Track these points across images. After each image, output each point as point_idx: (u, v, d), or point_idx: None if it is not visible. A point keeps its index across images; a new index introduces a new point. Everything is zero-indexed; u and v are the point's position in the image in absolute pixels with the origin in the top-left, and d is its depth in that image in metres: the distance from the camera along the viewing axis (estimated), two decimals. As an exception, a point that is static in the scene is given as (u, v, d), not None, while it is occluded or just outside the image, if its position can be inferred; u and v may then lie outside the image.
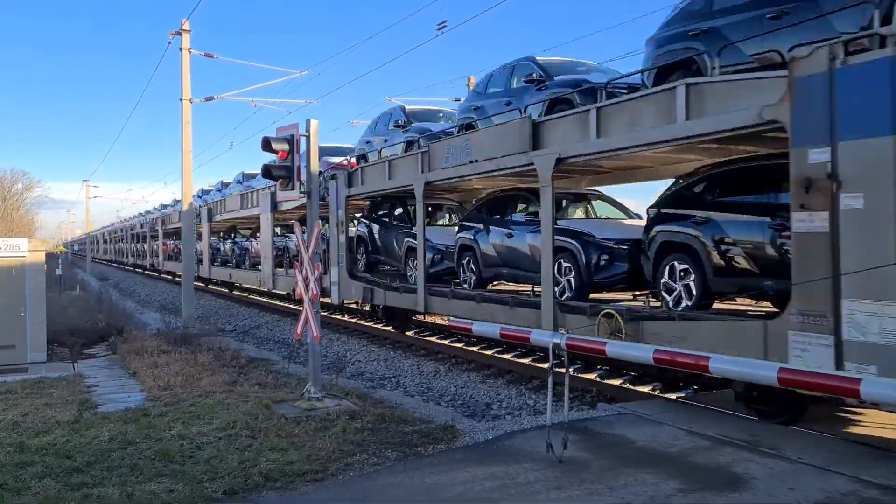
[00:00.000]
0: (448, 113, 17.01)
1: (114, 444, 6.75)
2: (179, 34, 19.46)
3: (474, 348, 13.87)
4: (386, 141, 16.79)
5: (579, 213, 12.39)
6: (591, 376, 10.92)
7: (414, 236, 14.36)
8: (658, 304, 9.22)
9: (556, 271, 10.38)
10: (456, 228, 14.01)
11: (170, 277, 40.28)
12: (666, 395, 9.50)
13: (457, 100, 25.14)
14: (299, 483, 5.68)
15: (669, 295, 8.86)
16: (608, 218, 11.99)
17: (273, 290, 23.08)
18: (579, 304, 9.95)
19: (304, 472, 5.89)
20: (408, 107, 17.81)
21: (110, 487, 5.53)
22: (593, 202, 12.51)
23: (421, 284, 13.60)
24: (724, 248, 8.19)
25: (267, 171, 9.16)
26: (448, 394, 10.96)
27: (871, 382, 4.41)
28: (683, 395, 9.48)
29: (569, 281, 10.52)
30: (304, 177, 9.11)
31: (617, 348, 6.10)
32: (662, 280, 8.98)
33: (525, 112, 11.41)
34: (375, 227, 16.83)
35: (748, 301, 9.39)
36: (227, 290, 31.60)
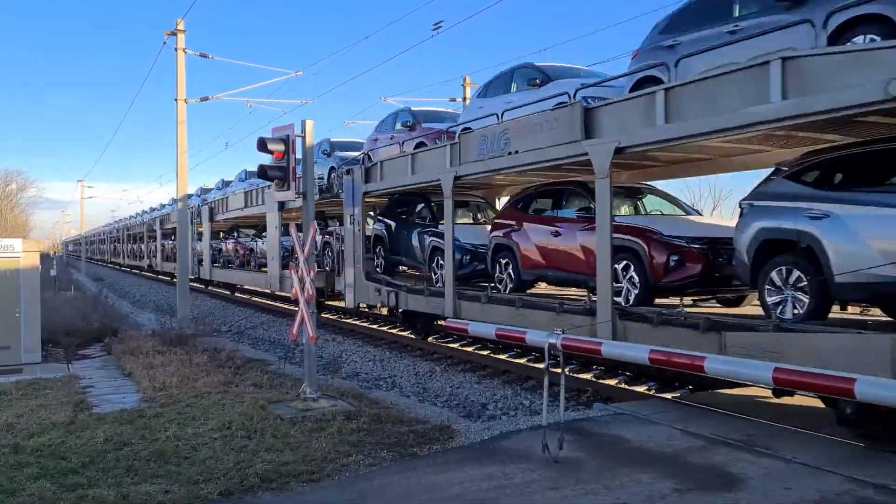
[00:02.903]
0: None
1: (109, 446, 6.73)
2: (174, 34, 19.41)
3: (470, 348, 13.87)
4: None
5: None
6: (587, 376, 10.94)
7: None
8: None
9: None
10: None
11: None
12: (662, 395, 9.52)
13: (452, 100, 25.21)
14: (295, 484, 5.68)
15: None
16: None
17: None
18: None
19: (300, 472, 5.89)
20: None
21: (106, 489, 5.52)
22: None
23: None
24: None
25: (263, 172, 9.15)
26: (444, 394, 10.96)
27: (866, 382, 4.43)
28: (679, 394, 9.50)
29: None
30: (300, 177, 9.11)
31: (612, 348, 6.12)
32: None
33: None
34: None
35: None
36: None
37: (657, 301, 9.67)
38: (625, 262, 9.60)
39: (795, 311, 7.45)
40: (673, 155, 9.98)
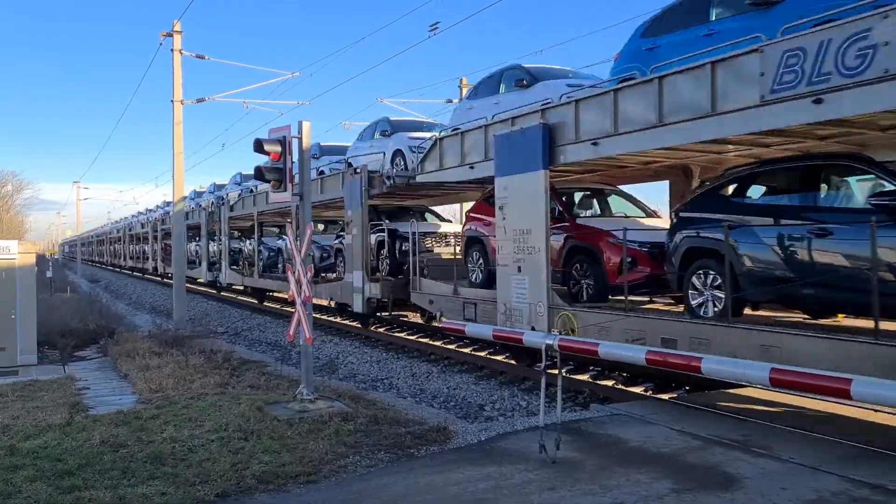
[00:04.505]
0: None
1: (105, 447, 6.71)
2: (170, 35, 19.40)
3: (467, 350, 13.87)
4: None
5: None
6: (584, 377, 10.95)
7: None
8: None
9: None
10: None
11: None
12: (658, 396, 9.53)
13: (449, 101, 25.29)
14: (292, 485, 5.67)
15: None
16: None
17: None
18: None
19: (297, 473, 5.88)
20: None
21: (102, 490, 5.51)
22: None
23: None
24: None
25: (259, 173, 9.14)
26: (441, 395, 10.96)
27: (862, 383, 4.44)
28: (676, 395, 9.51)
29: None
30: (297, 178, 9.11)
31: (609, 349, 6.11)
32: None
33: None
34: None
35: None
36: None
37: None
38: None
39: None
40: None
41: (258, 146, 8.98)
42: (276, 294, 24.95)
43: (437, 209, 19.72)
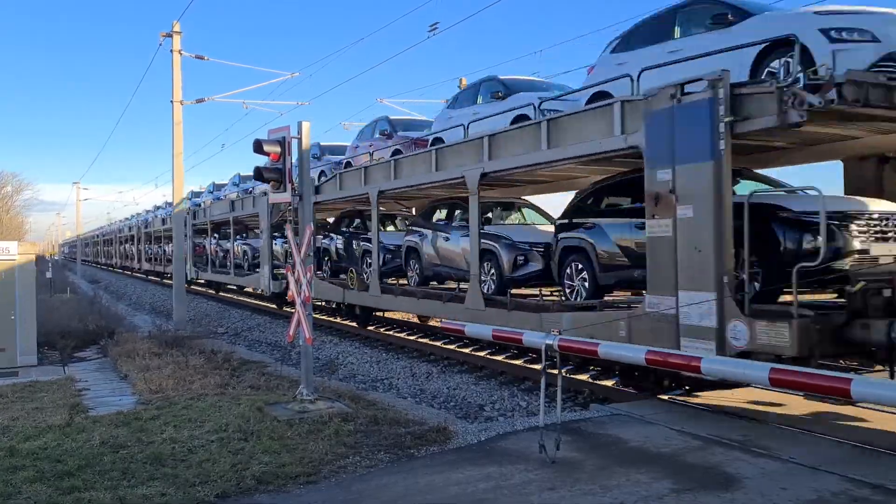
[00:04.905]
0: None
1: (105, 448, 6.71)
2: (170, 36, 19.40)
3: (467, 350, 13.87)
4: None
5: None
6: (584, 377, 10.93)
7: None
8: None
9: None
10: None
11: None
12: (659, 396, 9.51)
13: (447, 101, 25.20)
14: (292, 485, 5.67)
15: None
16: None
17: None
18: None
19: (297, 474, 5.88)
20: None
21: (102, 492, 5.51)
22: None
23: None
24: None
25: (259, 174, 9.14)
26: (441, 395, 10.96)
27: (862, 383, 4.44)
28: (676, 395, 9.49)
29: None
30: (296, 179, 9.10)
31: (609, 349, 6.10)
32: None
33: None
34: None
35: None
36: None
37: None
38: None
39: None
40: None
41: (257, 147, 8.98)
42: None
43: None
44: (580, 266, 10.13)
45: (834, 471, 5.53)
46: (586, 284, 10.01)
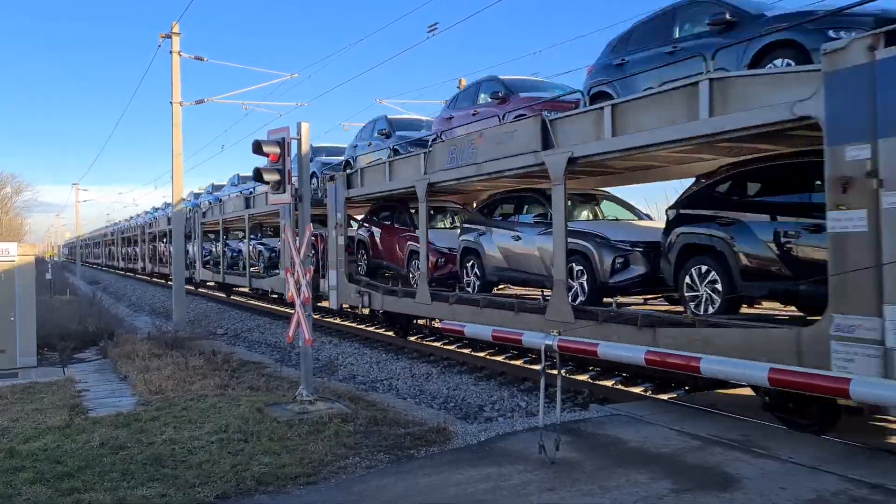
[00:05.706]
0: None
1: (105, 449, 6.71)
2: (169, 37, 19.40)
3: (467, 350, 13.87)
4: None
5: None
6: (584, 377, 10.94)
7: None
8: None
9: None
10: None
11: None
12: (658, 396, 9.53)
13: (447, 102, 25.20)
14: (292, 486, 5.68)
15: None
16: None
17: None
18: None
19: (297, 475, 5.88)
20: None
21: (102, 493, 5.51)
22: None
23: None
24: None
25: (258, 174, 9.14)
26: (440, 396, 10.96)
27: (861, 382, 4.44)
28: (675, 395, 9.51)
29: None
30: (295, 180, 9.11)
31: (609, 349, 6.10)
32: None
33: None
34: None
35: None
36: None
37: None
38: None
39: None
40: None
41: (257, 148, 8.98)
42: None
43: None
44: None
45: (833, 471, 5.53)
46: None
